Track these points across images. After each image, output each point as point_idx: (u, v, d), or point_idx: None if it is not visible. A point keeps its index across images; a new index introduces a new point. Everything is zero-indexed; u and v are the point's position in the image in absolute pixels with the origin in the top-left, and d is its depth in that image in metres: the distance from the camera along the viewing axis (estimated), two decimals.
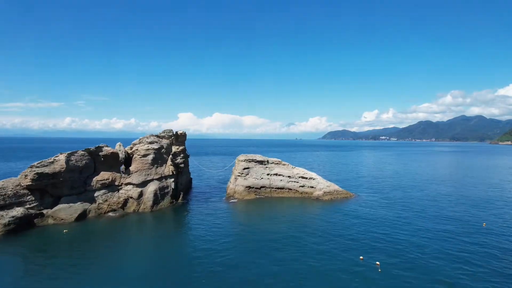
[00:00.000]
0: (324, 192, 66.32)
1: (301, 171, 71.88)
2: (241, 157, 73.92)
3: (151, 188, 57.99)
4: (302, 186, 69.18)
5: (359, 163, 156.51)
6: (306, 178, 70.11)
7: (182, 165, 67.05)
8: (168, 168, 63.34)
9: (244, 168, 71.02)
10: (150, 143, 64.30)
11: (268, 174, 70.99)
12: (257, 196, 67.10)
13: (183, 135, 74.87)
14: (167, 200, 58.95)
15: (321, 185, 68.56)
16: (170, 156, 65.42)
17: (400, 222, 49.06)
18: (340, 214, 53.25)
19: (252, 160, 72.65)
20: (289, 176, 70.47)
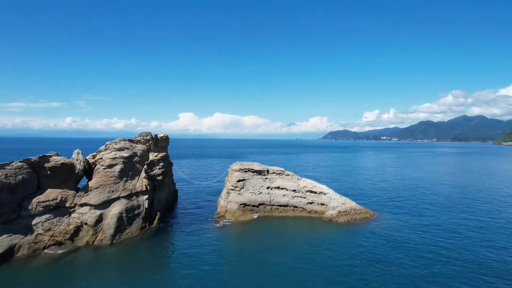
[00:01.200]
0: (339, 212, 52.66)
1: (309, 183, 58.27)
2: (235, 165, 60.35)
3: (116, 209, 44.33)
4: (310, 203, 55.56)
5: (368, 168, 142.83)
6: (316, 192, 56.49)
7: (160, 177, 53.41)
8: (141, 182, 49.80)
9: (239, 180, 57.38)
10: (119, 149, 50.78)
11: (268, 188, 57.39)
12: (254, 217, 53.42)
13: (165, 139, 61.35)
14: (136, 225, 45.31)
15: (335, 201, 54.90)
16: (145, 166, 51.90)
17: (453, 256, 35.49)
18: (366, 247, 39.62)
19: (249, 170, 59.06)
20: (294, 190, 56.88)
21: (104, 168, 47.71)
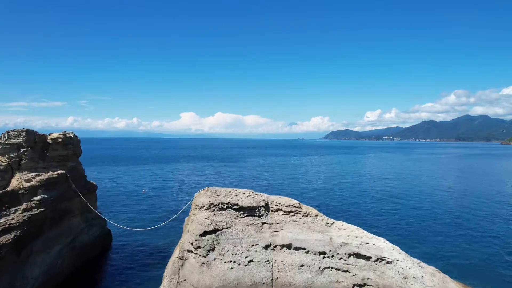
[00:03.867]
0: None
1: (349, 234, 27.93)
2: (202, 197, 29.93)
3: None
4: (360, 287, 25.34)
5: (399, 178, 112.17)
6: (369, 258, 26.17)
7: (12, 236, 23.16)
8: None
9: (205, 232, 27.14)
10: None
11: (268, 247, 27.15)
12: None
13: (62, 143, 31.28)
14: None
15: (415, 283, 24.57)
16: None
17: None
18: None
19: (229, 206, 28.83)
20: (323, 253, 26.62)
21: None
